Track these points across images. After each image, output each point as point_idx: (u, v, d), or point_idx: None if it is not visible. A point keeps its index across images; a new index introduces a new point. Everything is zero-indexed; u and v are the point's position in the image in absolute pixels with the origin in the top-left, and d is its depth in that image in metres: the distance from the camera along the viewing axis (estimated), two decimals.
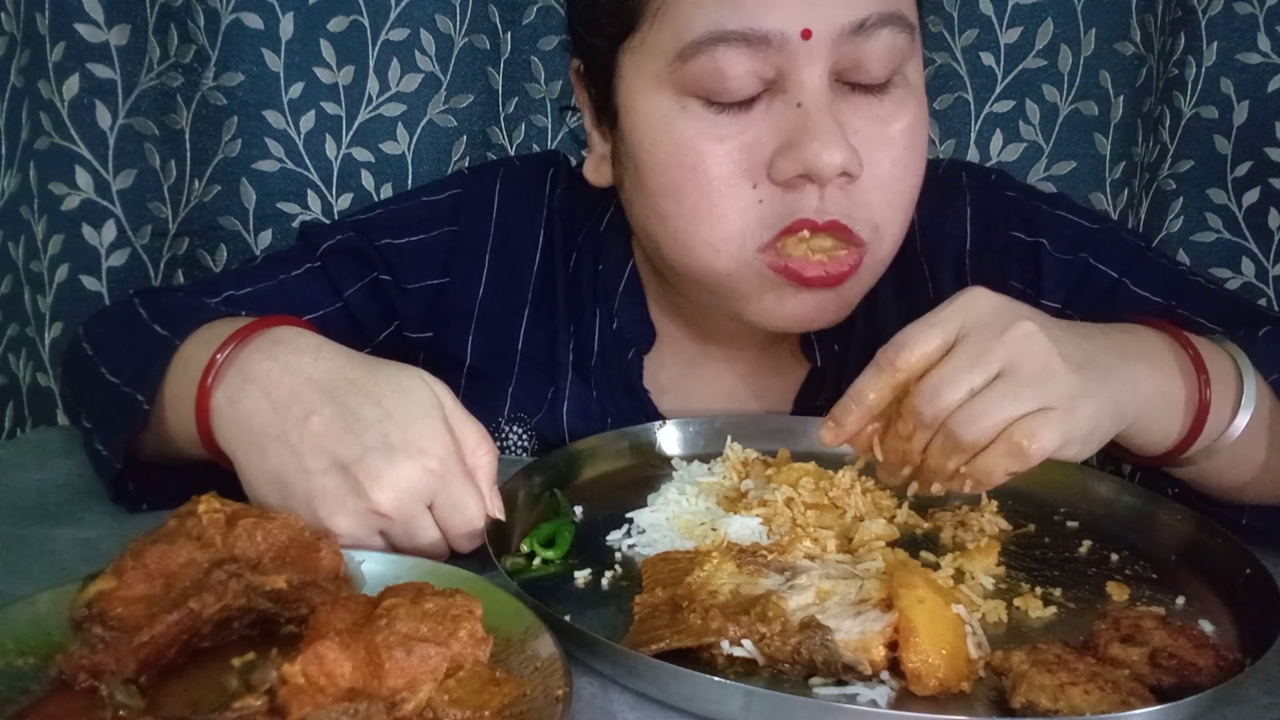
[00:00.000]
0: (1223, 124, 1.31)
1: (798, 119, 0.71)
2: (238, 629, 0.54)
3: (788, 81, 0.71)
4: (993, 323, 0.60)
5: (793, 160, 0.71)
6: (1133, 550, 0.70)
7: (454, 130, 1.30)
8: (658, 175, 0.75)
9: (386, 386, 0.64)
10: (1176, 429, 0.68)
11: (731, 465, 0.79)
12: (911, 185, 0.77)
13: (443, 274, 0.92)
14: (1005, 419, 0.58)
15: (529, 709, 0.47)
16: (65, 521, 0.74)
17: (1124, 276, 0.85)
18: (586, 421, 0.90)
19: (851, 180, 0.72)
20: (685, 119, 0.73)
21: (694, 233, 0.75)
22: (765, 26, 0.69)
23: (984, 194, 0.90)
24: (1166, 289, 0.84)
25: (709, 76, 0.71)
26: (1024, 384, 0.58)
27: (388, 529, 0.62)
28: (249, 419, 0.63)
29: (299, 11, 1.21)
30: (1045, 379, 0.59)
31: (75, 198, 1.16)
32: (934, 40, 1.32)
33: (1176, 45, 1.32)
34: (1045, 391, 0.58)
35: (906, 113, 0.75)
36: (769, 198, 0.73)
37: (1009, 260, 0.88)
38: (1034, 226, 0.88)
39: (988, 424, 0.58)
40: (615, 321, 0.89)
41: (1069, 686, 0.50)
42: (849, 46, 0.71)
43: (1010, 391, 0.58)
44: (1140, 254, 0.87)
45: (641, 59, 0.75)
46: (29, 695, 0.48)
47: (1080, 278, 0.86)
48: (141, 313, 0.79)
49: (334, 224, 0.94)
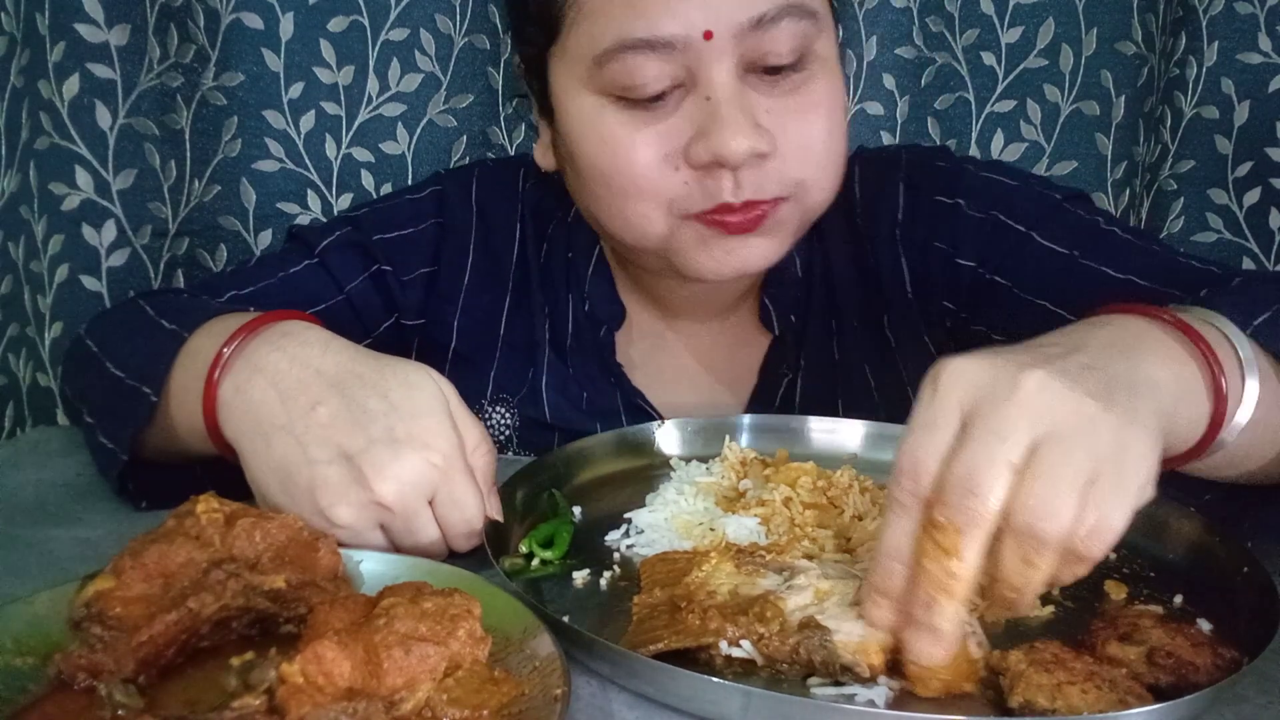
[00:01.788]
0: (1224, 124, 1.31)
1: (708, 110, 0.76)
2: (236, 629, 0.54)
3: (697, 78, 0.76)
4: (996, 387, 0.50)
5: (704, 148, 0.75)
6: (1131, 549, 0.70)
7: (454, 130, 1.30)
8: (589, 165, 0.81)
9: (393, 381, 0.64)
10: (1203, 415, 0.60)
11: (730, 465, 0.79)
12: (832, 146, 0.81)
13: (433, 262, 0.97)
14: (1077, 492, 0.48)
15: (527, 708, 0.47)
16: (64, 521, 0.74)
17: (1032, 230, 0.86)
18: (565, 397, 0.96)
19: (766, 159, 0.77)
20: (606, 116, 0.79)
21: (627, 209, 0.81)
22: (668, 32, 0.74)
23: (916, 167, 0.94)
24: (1073, 241, 0.84)
25: (623, 80, 0.76)
26: (1072, 443, 0.49)
27: (389, 522, 0.63)
28: (255, 408, 0.64)
29: (299, 11, 1.22)
30: (1087, 429, 0.49)
31: (75, 198, 1.16)
32: (934, 40, 1.32)
33: (1178, 45, 1.32)
34: (1096, 447, 0.49)
35: (817, 85, 0.79)
36: (692, 179, 0.78)
37: (934, 224, 0.91)
38: (955, 190, 0.91)
39: (1064, 505, 0.48)
40: (587, 303, 0.95)
41: (1066, 685, 0.50)
42: (751, 40, 0.75)
43: (1062, 458, 0.49)
44: (1056, 208, 0.87)
45: (565, 64, 0.80)
46: (28, 695, 0.48)
47: (991, 234, 0.88)
48: (148, 310, 0.80)
49: (324, 225, 0.97)
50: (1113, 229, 0.85)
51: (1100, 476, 0.49)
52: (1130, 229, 0.86)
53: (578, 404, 0.95)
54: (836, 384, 0.96)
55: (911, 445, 0.51)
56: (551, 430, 0.96)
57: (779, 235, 0.82)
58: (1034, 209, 0.87)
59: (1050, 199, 0.88)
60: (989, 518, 0.49)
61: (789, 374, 0.95)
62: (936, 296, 0.92)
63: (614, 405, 0.95)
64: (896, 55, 1.32)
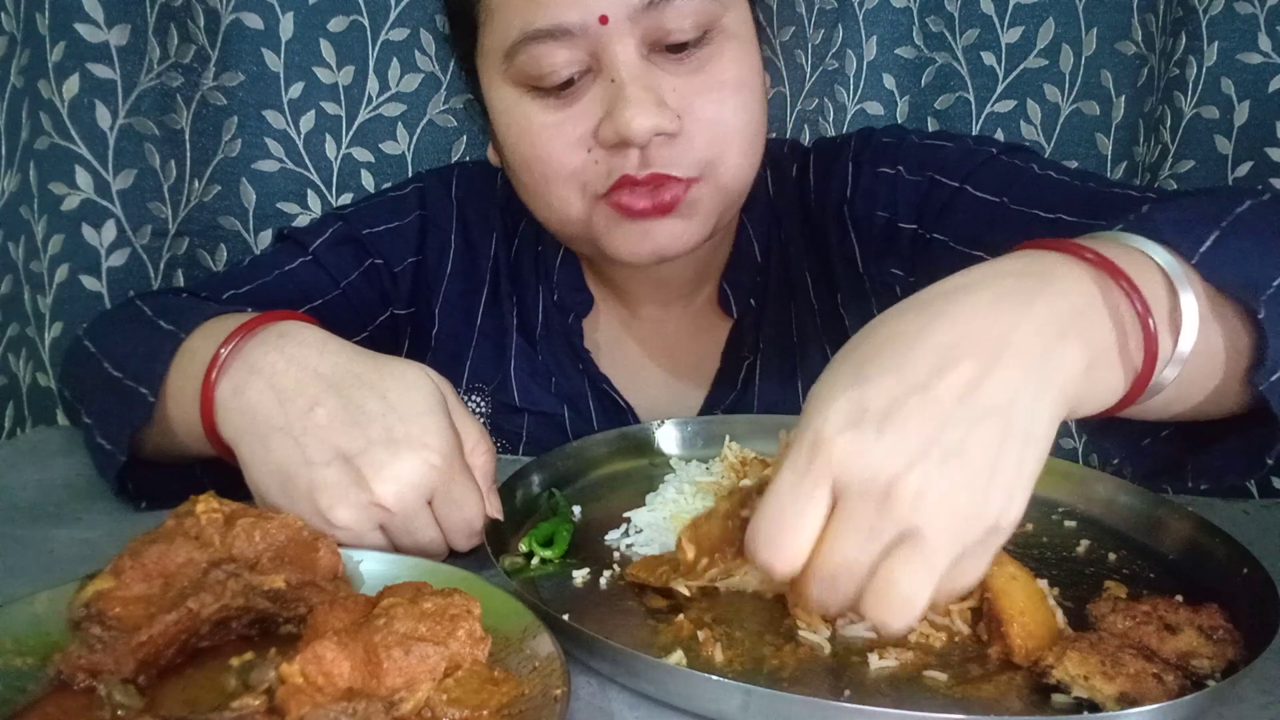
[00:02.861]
0: (1224, 124, 1.31)
1: (614, 91, 0.78)
2: (236, 629, 0.54)
3: (602, 61, 0.78)
4: (870, 481, 0.46)
5: (611, 128, 0.77)
6: (1130, 549, 0.70)
7: (454, 130, 1.30)
8: (513, 154, 0.85)
9: (391, 380, 0.64)
10: (1120, 379, 0.53)
11: (730, 465, 0.79)
12: (742, 121, 0.82)
13: (418, 253, 1.01)
14: (930, 591, 0.46)
15: (527, 708, 0.47)
16: (64, 521, 0.74)
17: (965, 184, 0.86)
18: (535, 381, 1.00)
19: (673, 137, 0.79)
20: (522, 106, 0.82)
21: (549, 193, 0.83)
22: (567, 19, 0.76)
23: (862, 146, 0.96)
24: (1003, 188, 0.82)
25: (531, 69, 0.79)
26: (935, 550, 0.46)
27: (388, 523, 0.62)
28: (253, 410, 0.64)
29: (299, 11, 1.22)
30: (961, 530, 0.46)
31: (75, 198, 1.16)
32: (935, 40, 1.32)
33: (1177, 45, 1.32)
34: (964, 542, 0.46)
35: (723, 61, 0.81)
36: (601, 158, 0.80)
37: (875, 195, 0.93)
38: (894, 159, 0.93)
39: (915, 610, 0.46)
40: (555, 292, 0.99)
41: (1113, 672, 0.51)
42: (649, 20, 0.77)
43: (922, 562, 0.46)
44: (989, 160, 0.86)
45: (486, 61, 0.84)
46: (27, 695, 0.48)
47: (927, 193, 0.89)
48: (145, 310, 0.80)
49: (314, 223, 1.00)
50: (1047, 172, 0.82)
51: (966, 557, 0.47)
52: (1068, 170, 0.82)
53: (546, 387, 0.99)
54: (795, 365, 0.99)
55: (770, 520, 0.48)
56: (521, 413, 0.99)
57: (695, 217, 0.83)
58: (967, 164, 0.87)
59: (984, 153, 0.87)
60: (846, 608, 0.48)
61: (749, 356, 0.98)
62: (886, 265, 0.95)
63: (581, 389, 0.99)
64: (896, 55, 1.33)
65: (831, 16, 1.31)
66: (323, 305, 0.93)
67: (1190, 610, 0.58)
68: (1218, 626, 0.56)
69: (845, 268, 0.98)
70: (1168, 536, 0.70)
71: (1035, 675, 0.54)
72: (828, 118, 1.34)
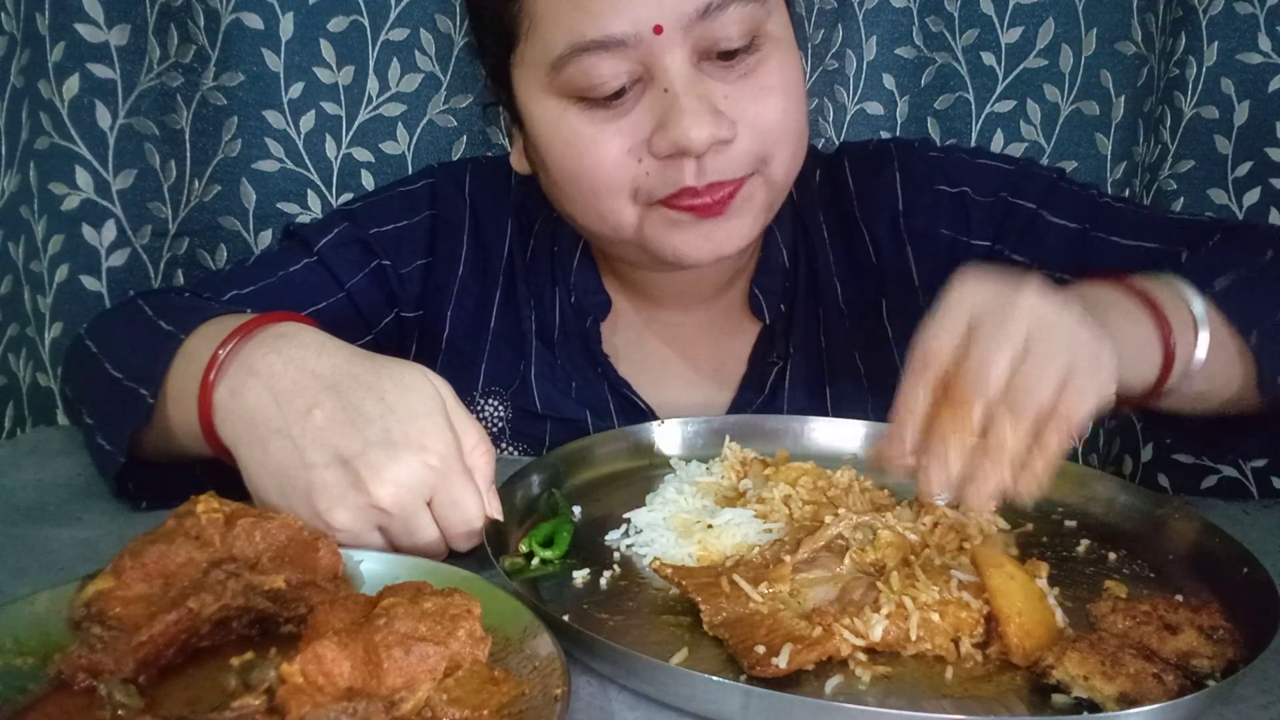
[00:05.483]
0: (1223, 124, 1.31)
1: (667, 101, 0.77)
2: (236, 628, 0.54)
3: (654, 71, 0.78)
4: (999, 299, 0.62)
5: (666, 139, 0.77)
6: (1130, 549, 0.70)
7: (454, 130, 1.30)
8: (558, 167, 0.83)
9: (389, 382, 0.64)
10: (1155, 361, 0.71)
11: (730, 465, 0.79)
12: (793, 121, 0.83)
13: (428, 254, 0.98)
14: (1059, 378, 0.59)
15: (527, 708, 0.47)
16: (64, 521, 0.74)
17: (1041, 208, 0.93)
18: (554, 387, 0.97)
19: (727, 144, 0.79)
20: (569, 118, 0.80)
21: (599, 205, 0.83)
22: (618, 30, 0.76)
23: (908, 159, 0.98)
24: (1080, 214, 0.91)
25: (580, 80, 0.78)
26: (1057, 345, 0.60)
27: (387, 525, 0.62)
28: (251, 412, 0.64)
29: (299, 11, 1.22)
30: (1069, 337, 0.61)
31: (75, 198, 1.16)
32: (934, 40, 1.32)
33: (1177, 45, 1.32)
34: (1074, 348, 0.60)
35: (770, 65, 0.81)
36: (654, 170, 0.80)
37: (938, 213, 0.96)
38: (956, 178, 0.96)
39: (1045, 388, 0.59)
40: (573, 295, 0.97)
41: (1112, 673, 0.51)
42: (701, 29, 0.77)
43: (1050, 352, 0.59)
44: (1053, 185, 0.94)
45: (525, 71, 0.82)
46: (28, 695, 0.48)
47: (1003, 215, 0.94)
48: (146, 310, 0.80)
49: (321, 221, 0.98)
50: (1106, 200, 0.93)
51: (1076, 371, 0.59)
52: (1115, 197, 0.95)
53: (567, 393, 0.97)
54: (824, 371, 0.98)
55: (926, 338, 0.62)
56: (543, 420, 0.97)
57: (749, 214, 0.83)
58: (1036, 187, 0.94)
59: (1047, 178, 0.95)
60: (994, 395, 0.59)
61: (779, 362, 0.97)
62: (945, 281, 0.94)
63: (602, 395, 0.97)
64: (896, 55, 1.32)
65: (831, 16, 1.31)
66: (326, 308, 0.92)
67: (1190, 610, 0.58)
68: (1218, 626, 0.56)
69: (897, 280, 0.97)
70: (1167, 536, 0.71)
71: (1035, 675, 0.54)
72: (828, 118, 1.34)
